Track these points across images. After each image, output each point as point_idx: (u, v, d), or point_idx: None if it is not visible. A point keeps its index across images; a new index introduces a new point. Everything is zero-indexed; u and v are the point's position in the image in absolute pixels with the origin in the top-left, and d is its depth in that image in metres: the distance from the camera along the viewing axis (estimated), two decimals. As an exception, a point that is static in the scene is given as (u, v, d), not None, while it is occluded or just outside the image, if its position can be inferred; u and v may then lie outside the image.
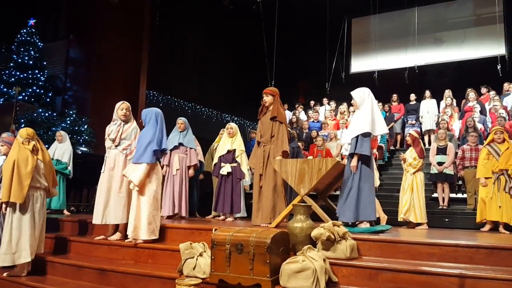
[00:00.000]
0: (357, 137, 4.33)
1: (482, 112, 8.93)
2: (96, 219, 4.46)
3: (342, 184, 4.52)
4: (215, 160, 6.02)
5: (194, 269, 3.45)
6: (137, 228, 4.12)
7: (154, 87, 11.00)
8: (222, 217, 6.02)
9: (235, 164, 5.81)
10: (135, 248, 4.15)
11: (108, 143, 4.62)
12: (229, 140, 5.96)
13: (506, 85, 9.68)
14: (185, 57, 11.90)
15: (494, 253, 3.22)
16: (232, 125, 6.10)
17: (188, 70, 11.62)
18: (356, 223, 4.32)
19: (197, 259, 3.49)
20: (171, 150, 5.99)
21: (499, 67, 10.50)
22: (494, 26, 11.32)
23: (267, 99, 5.04)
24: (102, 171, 4.58)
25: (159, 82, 10.96)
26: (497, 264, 3.18)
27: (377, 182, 6.40)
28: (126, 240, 4.28)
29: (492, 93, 9.54)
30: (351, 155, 4.38)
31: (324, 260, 3.18)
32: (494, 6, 11.29)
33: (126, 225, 4.31)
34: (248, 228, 3.50)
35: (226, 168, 5.76)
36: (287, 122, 6.50)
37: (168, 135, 6.20)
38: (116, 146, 4.56)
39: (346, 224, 4.16)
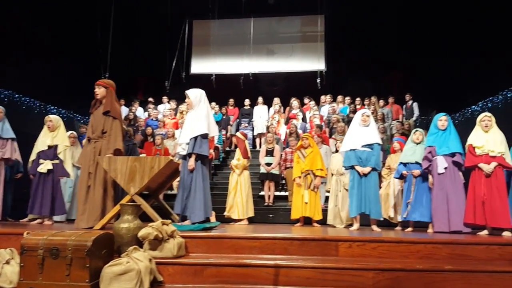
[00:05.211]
0: (196, 137, 4.44)
1: (304, 119, 10.08)
2: None
3: (181, 184, 4.56)
4: (33, 157, 5.36)
5: (-3, 279, 3.01)
6: None
7: (-42, 68, 9.20)
8: (39, 220, 5.41)
9: (57, 161, 5.28)
10: None
11: None
12: (49, 134, 5.38)
13: (323, 97, 11.23)
14: (1, 37, 10.24)
15: (305, 244, 3.62)
16: (52, 117, 5.50)
17: (6, 53, 10.00)
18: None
19: (2, 268, 3.08)
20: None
21: (318, 80, 11.96)
22: (316, 44, 12.79)
23: (99, 91, 4.73)
24: None
25: (-34, 63, 9.19)
26: (307, 253, 3.58)
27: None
28: None
29: (312, 103, 10.84)
30: (189, 155, 4.46)
31: (150, 260, 3.12)
32: (317, 26, 12.82)
33: None
34: (67, 231, 3.21)
35: (46, 165, 5.19)
36: (123, 119, 6.24)
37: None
38: None
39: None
